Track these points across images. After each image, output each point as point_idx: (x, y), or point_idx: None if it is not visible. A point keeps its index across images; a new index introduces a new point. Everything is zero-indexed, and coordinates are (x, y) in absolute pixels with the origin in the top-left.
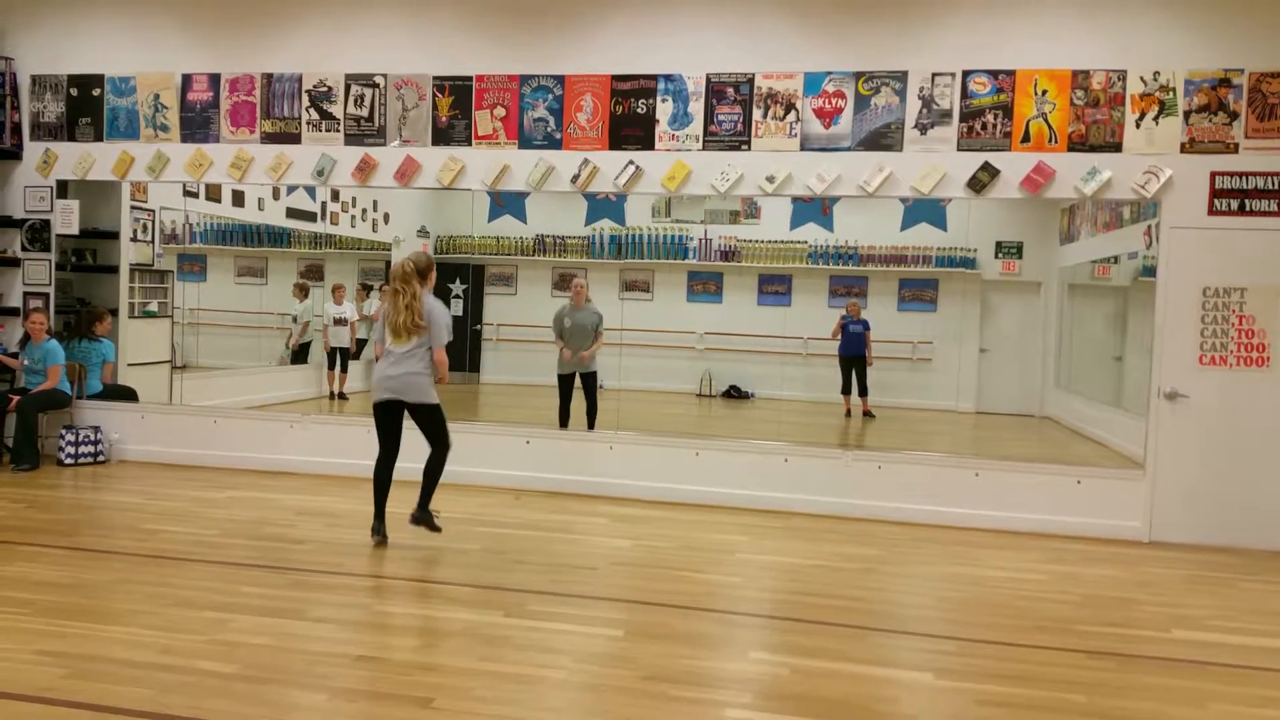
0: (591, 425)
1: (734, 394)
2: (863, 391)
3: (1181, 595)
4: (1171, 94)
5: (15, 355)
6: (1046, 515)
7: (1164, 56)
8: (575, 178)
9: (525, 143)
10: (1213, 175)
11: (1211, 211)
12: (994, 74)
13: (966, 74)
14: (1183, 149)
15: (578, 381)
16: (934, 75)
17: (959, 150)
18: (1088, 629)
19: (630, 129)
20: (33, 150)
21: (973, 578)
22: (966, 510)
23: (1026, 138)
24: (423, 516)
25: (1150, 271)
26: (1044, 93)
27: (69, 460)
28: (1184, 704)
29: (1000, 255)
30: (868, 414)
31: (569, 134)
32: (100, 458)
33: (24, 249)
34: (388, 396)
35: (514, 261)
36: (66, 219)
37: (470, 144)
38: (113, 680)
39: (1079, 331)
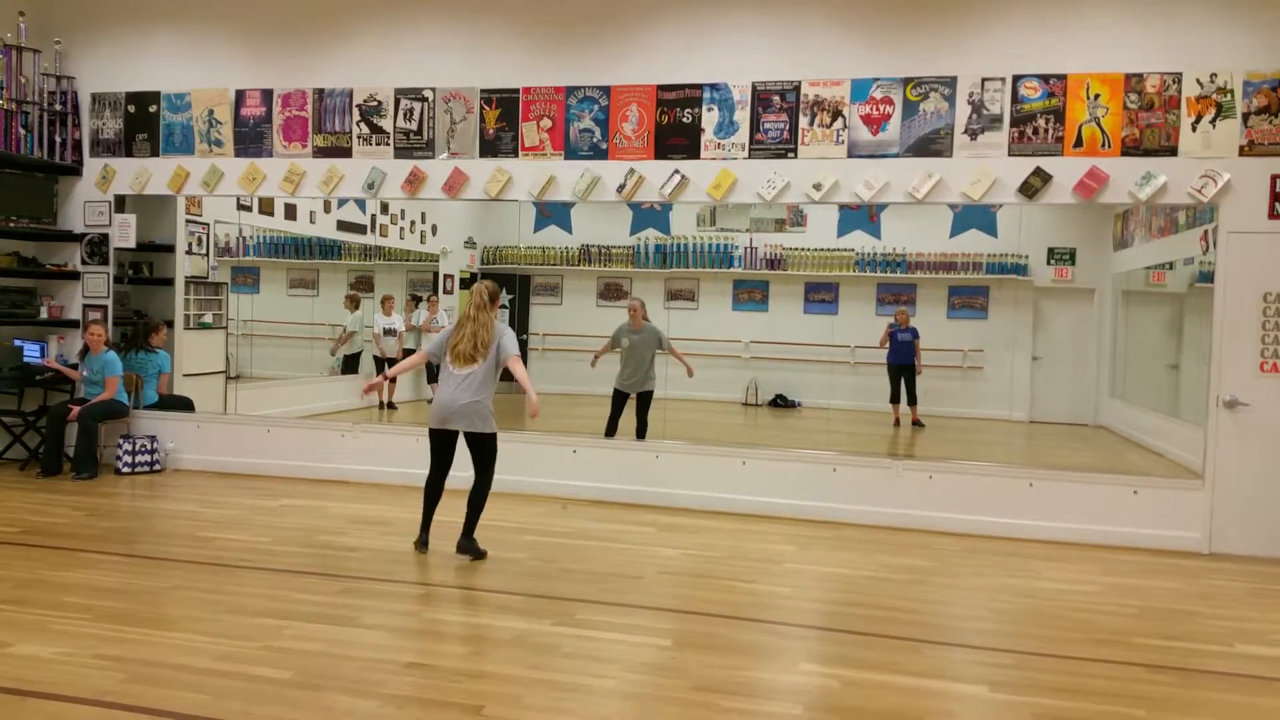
0: (641, 439)
1: (780, 403)
2: (912, 400)
3: (1244, 608)
4: (1229, 96)
5: (75, 366)
6: (1102, 526)
7: (1221, 58)
8: (621, 188)
9: (571, 153)
10: (1274, 178)
11: (1273, 215)
12: (1045, 78)
13: (1017, 79)
14: (1241, 152)
15: (632, 397)
16: (984, 80)
17: (1010, 155)
18: (1147, 642)
19: (676, 138)
20: (92, 166)
21: (1027, 589)
22: (1020, 521)
23: (1079, 142)
24: (468, 545)
25: (1207, 277)
26: (1096, 96)
27: (126, 469)
28: None
29: (1052, 261)
30: (917, 423)
31: (615, 144)
32: (157, 466)
33: (83, 262)
34: (450, 427)
35: (560, 271)
36: (124, 233)
37: (517, 155)
38: (170, 685)
39: (1134, 339)
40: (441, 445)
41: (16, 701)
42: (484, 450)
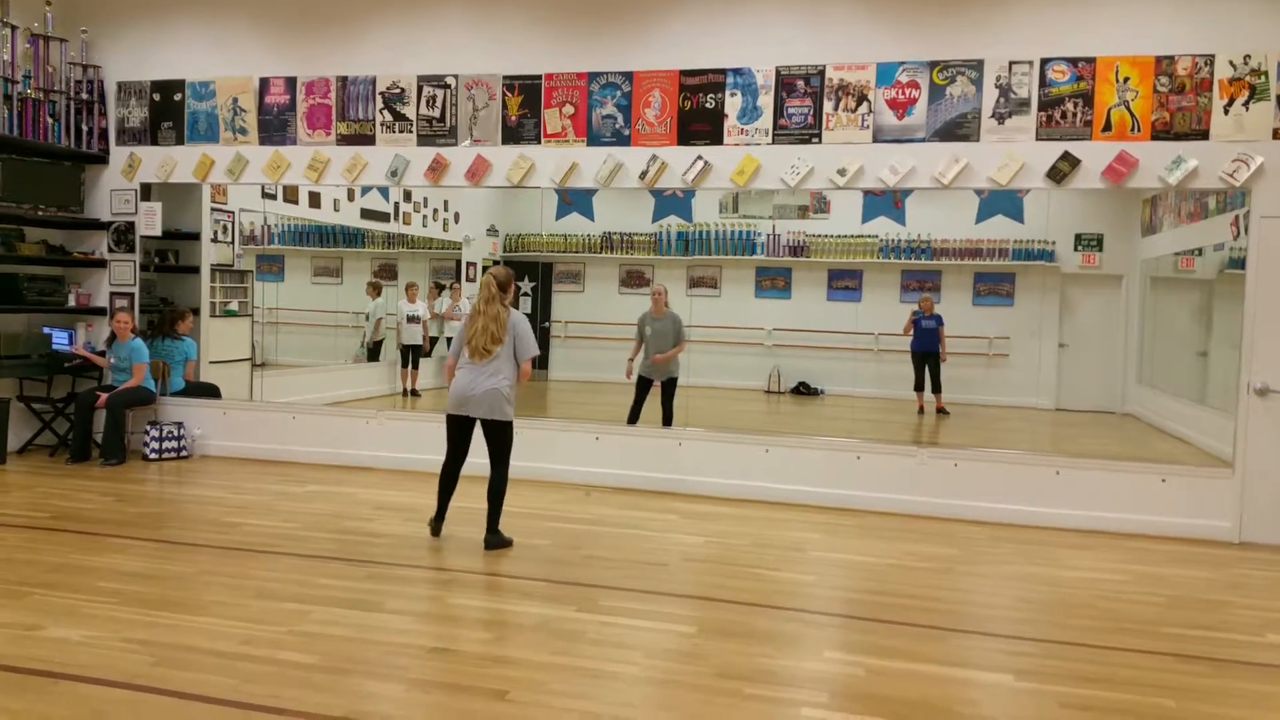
0: (667, 427)
1: (803, 390)
2: (936, 388)
3: (1276, 598)
4: (1264, 78)
5: (102, 353)
6: (1130, 514)
7: (1255, 39)
8: (643, 174)
9: (594, 140)
10: None
11: None
12: (1073, 61)
13: (1045, 62)
14: (1276, 135)
15: (656, 386)
16: (1011, 64)
17: (1038, 140)
18: (1176, 631)
19: (698, 124)
20: (118, 155)
21: (1053, 578)
22: (1046, 509)
23: (1108, 126)
24: (495, 540)
25: (1237, 263)
26: (1126, 80)
27: (154, 455)
28: None
29: (1080, 248)
30: (941, 411)
31: (637, 130)
32: (183, 453)
33: (110, 250)
34: (468, 413)
35: (582, 259)
36: (150, 221)
37: (539, 142)
38: (197, 669)
39: (1162, 326)
40: (459, 431)
41: (49, 684)
42: (500, 439)
